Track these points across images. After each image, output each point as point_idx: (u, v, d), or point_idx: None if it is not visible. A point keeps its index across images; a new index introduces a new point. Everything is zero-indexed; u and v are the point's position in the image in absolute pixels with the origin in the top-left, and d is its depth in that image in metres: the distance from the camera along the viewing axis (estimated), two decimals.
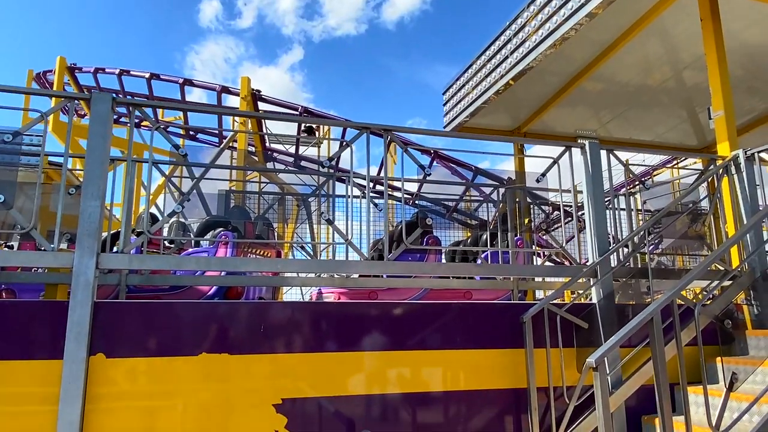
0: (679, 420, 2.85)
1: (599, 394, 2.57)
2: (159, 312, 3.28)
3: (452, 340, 3.72)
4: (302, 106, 11.15)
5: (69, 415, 2.94)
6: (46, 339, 3.06)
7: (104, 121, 3.34)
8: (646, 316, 2.64)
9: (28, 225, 3.17)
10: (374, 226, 4.75)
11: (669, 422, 2.60)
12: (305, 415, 3.39)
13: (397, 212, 7.80)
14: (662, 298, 2.77)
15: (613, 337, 2.71)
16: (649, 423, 3.74)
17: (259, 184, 11.04)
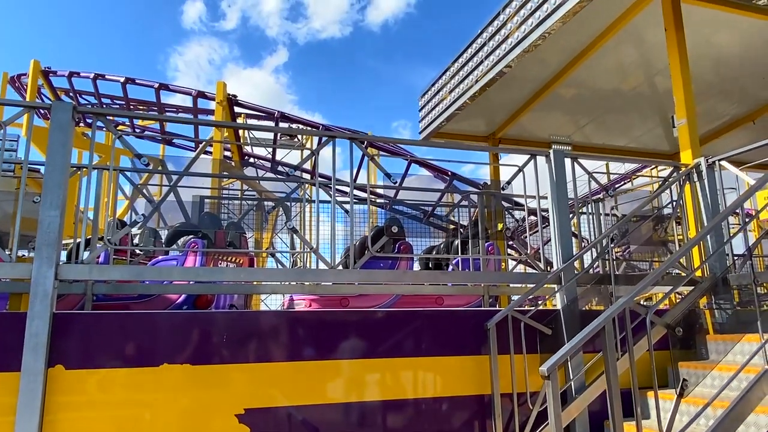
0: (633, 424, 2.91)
1: (551, 402, 2.61)
2: (120, 323, 3.25)
3: (420, 347, 3.75)
4: (279, 111, 11.12)
5: (26, 426, 2.90)
6: (3, 351, 3.02)
7: (65, 130, 3.31)
8: (597, 325, 2.69)
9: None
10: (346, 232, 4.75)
11: (620, 426, 2.65)
12: (269, 425, 3.38)
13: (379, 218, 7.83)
14: (614, 305, 2.82)
15: (566, 345, 2.75)
16: (610, 427, 3.79)
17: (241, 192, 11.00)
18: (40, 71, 12.06)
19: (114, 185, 3.91)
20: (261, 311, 4.92)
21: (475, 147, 8.14)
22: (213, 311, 4.65)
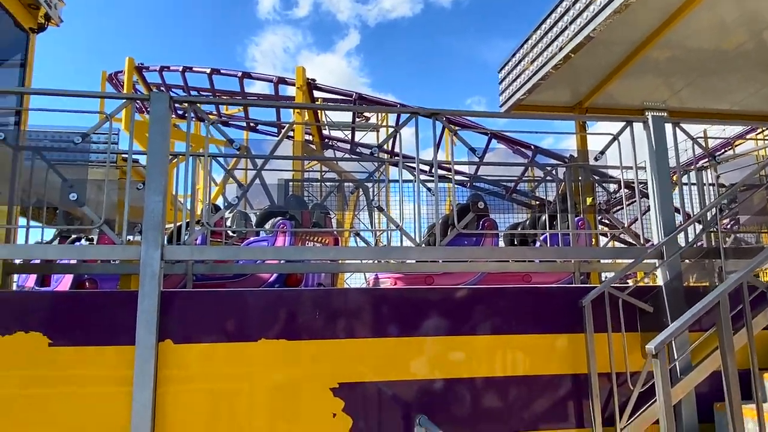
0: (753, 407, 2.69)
1: (660, 382, 2.46)
2: (221, 300, 3.42)
3: (509, 324, 3.67)
4: (357, 93, 11.21)
5: (142, 397, 3.14)
6: (120, 326, 3.27)
7: (163, 120, 3.50)
8: (711, 300, 2.49)
9: (99, 221, 3.38)
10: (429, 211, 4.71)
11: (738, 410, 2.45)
12: (362, 399, 3.45)
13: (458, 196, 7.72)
14: (731, 279, 2.59)
15: (676, 322, 2.57)
16: (721, 411, 3.53)
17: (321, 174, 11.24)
18: (134, 68, 12.87)
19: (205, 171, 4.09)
20: (354, 288, 5.02)
21: (564, 116, 7.78)
22: (306, 289, 4.80)
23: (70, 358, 3.21)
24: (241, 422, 3.31)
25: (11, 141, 4.58)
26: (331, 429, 3.37)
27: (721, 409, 3.54)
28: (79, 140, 3.42)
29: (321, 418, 3.38)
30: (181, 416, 3.25)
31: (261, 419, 3.33)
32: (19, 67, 5.19)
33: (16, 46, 5.19)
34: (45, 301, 3.35)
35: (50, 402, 3.17)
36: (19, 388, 3.16)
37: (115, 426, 3.13)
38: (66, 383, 3.20)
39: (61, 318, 3.25)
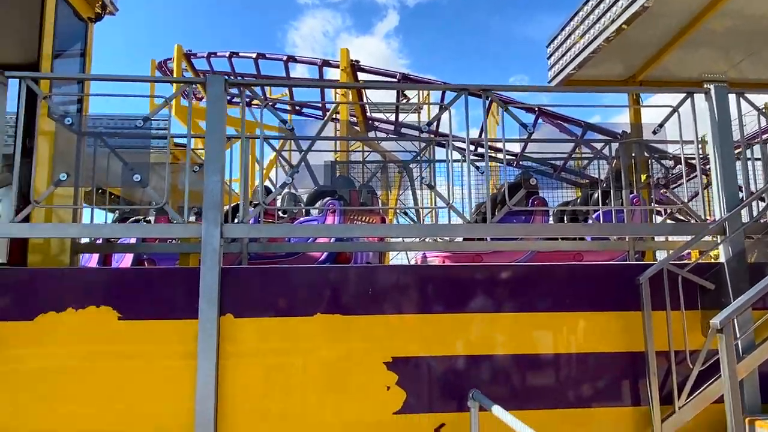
0: None
1: (725, 358, 2.40)
2: (278, 276, 3.53)
3: (564, 302, 3.64)
4: (401, 73, 11.16)
5: (206, 368, 3.29)
6: (184, 301, 3.42)
7: (219, 102, 3.60)
8: None
9: (161, 201, 3.53)
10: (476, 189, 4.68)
11: None
12: (414, 373, 3.51)
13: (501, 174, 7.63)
14: None
15: (742, 297, 2.50)
16: None
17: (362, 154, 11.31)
18: (183, 55, 13.19)
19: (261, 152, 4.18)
20: (407, 265, 5.08)
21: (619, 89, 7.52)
22: (360, 266, 4.88)
23: (138, 331, 3.39)
24: (298, 394, 3.43)
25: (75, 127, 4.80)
26: (385, 402, 3.45)
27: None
28: (141, 123, 3.56)
29: (375, 391, 3.46)
30: (241, 387, 3.39)
31: (317, 392, 3.44)
32: (80, 57, 5.40)
33: (76, 35, 5.39)
34: (115, 278, 3.54)
35: (119, 373, 3.36)
36: (91, 359, 3.36)
37: (181, 396, 3.30)
38: (134, 355, 3.39)
39: (130, 293, 3.43)
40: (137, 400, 3.34)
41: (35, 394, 3.29)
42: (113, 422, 3.30)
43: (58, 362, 3.35)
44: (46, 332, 3.34)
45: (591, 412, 3.57)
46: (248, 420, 3.38)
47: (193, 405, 3.25)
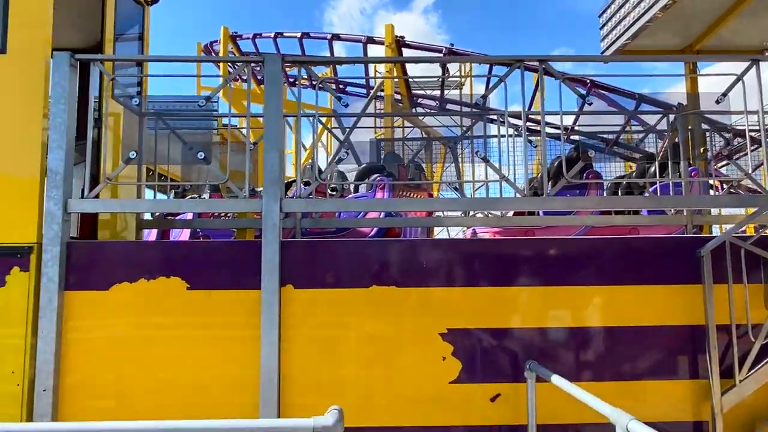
0: None
1: None
2: (336, 249, 3.65)
3: (620, 275, 3.61)
4: (446, 47, 11.03)
5: (270, 335, 3.45)
6: (246, 272, 3.57)
7: (277, 80, 3.69)
8: None
9: (224, 177, 3.67)
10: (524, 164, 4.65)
11: None
12: (470, 344, 3.58)
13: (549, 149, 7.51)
14: None
15: None
16: None
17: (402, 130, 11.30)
18: (229, 36, 13.41)
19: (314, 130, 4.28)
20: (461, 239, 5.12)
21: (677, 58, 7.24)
22: (415, 239, 4.96)
23: (205, 300, 3.57)
24: (355, 362, 3.55)
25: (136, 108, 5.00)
26: (441, 372, 3.54)
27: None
28: (204, 103, 3.70)
29: (431, 362, 3.55)
30: (303, 354, 3.54)
31: (374, 360, 3.56)
32: (138, 40, 5.60)
33: (134, 19, 5.58)
34: (183, 251, 3.73)
35: (188, 340, 3.56)
36: (161, 327, 3.57)
37: (247, 361, 3.47)
38: (201, 322, 3.58)
39: (197, 265, 3.61)
40: (204, 366, 3.53)
41: (110, 361, 3.52)
42: (182, 389, 3.50)
43: (131, 330, 3.57)
44: (119, 301, 3.56)
45: (648, 385, 3.57)
46: (306, 389, 3.53)
47: (257, 372, 3.41)
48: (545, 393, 3.35)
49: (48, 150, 3.57)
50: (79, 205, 3.61)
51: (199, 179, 6.21)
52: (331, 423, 2.01)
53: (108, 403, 3.50)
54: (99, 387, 3.51)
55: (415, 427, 3.50)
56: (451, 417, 3.53)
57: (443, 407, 3.52)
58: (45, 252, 3.47)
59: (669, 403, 3.56)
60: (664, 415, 3.52)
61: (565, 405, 3.44)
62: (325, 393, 3.54)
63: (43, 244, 3.49)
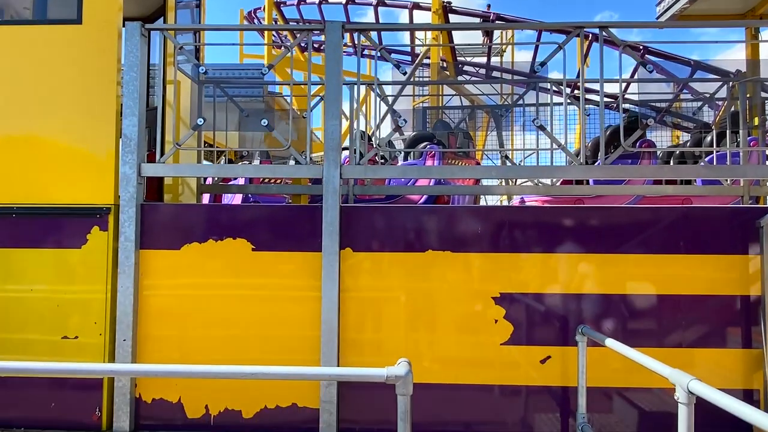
0: None
1: None
2: (393, 214, 3.77)
3: (677, 244, 3.63)
4: (494, 13, 10.81)
5: (330, 294, 3.63)
6: (308, 235, 3.75)
7: (337, 48, 3.77)
8: None
9: (286, 144, 3.81)
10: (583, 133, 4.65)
11: None
12: (522, 308, 3.69)
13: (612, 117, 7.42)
14: None
15: None
16: None
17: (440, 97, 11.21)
18: (273, 3, 13.43)
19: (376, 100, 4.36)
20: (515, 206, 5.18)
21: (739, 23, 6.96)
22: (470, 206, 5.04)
23: (269, 260, 3.77)
24: (410, 323, 3.72)
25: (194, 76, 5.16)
26: (493, 334, 3.67)
27: None
28: (267, 71, 3.82)
29: (484, 324, 3.69)
30: (361, 315, 3.72)
31: (428, 321, 3.71)
32: (195, 8, 5.74)
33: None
34: (249, 213, 3.92)
35: (253, 299, 3.78)
36: (228, 286, 3.80)
37: (308, 320, 3.67)
38: (265, 283, 3.79)
39: (262, 227, 3.80)
40: (268, 324, 3.75)
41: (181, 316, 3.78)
42: (246, 346, 3.74)
43: (199, 288, 3.81)
44: (190, 260, 3.80)
45: (699, 353, 3.62)
46: (363, 348, 3.72)
47: (317, 330, 3.61)
48: (593, 357, 3.45)
49: (123, 116, 3.77)
50: (152, 169, 3.82)
51: (253, 146, 6.42)
52: (403, 373, 2.17)
53: (175, 355, 3.76)
54: (169, 340, 3.78)
55: (468, 384, 3.67)
56: (501, 377, 3.67)
57: (494, 367, 3.67)
58: (122, 213, 3.72)
59: (719, 370, 3.61)
60: (714, 382, 3.52)
61: (612, 369, 3.56)
62: (381, 351, 3.73)
63: (120, 206, 3.73)
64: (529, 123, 3.82)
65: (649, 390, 3.64)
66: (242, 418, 3.69)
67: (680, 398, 2.10)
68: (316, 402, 3.60)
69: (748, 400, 3.57)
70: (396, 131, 4.13)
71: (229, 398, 3.69)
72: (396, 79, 8.54)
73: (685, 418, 2.09)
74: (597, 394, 3.58)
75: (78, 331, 3.74)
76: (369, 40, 3.98)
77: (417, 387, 3.64)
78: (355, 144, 4.55)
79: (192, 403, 3.72)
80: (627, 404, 3.68)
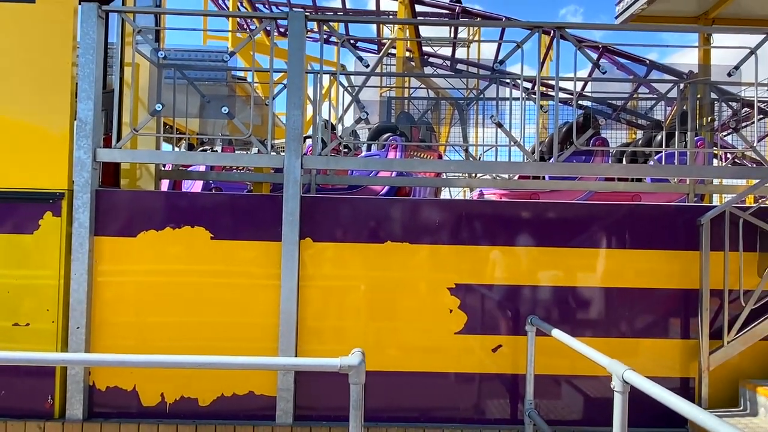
0: None
1: None
2: (353, 205, 3.82)
3: (622, 239, 3.81)
4: (460, 6, 10.88)
5: (289, 284, 3.66)
6: (268, 225, 3.76)
7: (300, 37, 3.77)
8: None
9: (248, 132, 3.80)
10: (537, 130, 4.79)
11: None
12: (476, 299, 3.81)
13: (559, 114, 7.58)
14: None
15: None
16: None
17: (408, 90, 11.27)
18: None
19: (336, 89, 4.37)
20: (474, 200, 5.29)
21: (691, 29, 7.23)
22: (428, 198, 5.12)
23: (228, 249, 3.77)
24: (368, 312, 3.79)
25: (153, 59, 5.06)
26: (447, 323, 3.78)
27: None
28: (228, 57, 3.79)
29: (439, 314, 3.79)
30: (319, 304, 3.77)
31: (385, 311, 3.79)
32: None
33: None
34: (208, 201, 3.90)
35: (211, 287, 3.78)
36: (186, 274, 3.78)
37: (267, 309, 3.70)
38: (223, 271, 3.79)
39: (221, 216, 3.79)
40: (225, 313, 3.75)
41: (136, 303, 3.75)
42: (204, 334, 3.74)
43: (156, 275, 3.78)
44: (146, 248, 3.76)
45: (641, 343, 3.81)
46: (321, 337, 3.77)
47: (276, 319, 3.64)
48: (542, 346, 3.60)
49: (78, 99, 3.68)
50: (108, 155, 3.75)
51: (214, 132, 6.33)
52: (356, 363, 2.23)
53: (130, 342, 3.74)
54: (124, 327, 3.74)
55: (422, 372, 3.77)
56: (455, 365, 3.79)
57: (447, 356, 3.78)
58: (76, 198, 3.65)
59: (659, 360, 3.82)
60: (653, 370, 3.77)
61: (560, 358, 3.72)
62: (339, 340, 3.79)
63: (74, 191, 3.66)
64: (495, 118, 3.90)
65: (595, 378, 3.82)
66: (199, 406, 3.70)
67: (616, 387, 2.23)
68: (274, 390, 3.64)
69: (685, 388, 3.81)
70: (358, 123, 4.16)
71: (185, 386, 3.70)
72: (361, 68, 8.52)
73: (620, 406, 2.23)
74: (545, 381, 3.74)
75: (30, 317, 3.67)
76: (332, 31, 3.99)
77: (375, 374, 3.75)
78: (318, 133, 4.56)
79: (147, 391, 3.71)
80: (574, 391, 3.85)
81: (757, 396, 3.48)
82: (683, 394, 3.75)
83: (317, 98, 4.62)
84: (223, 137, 5.74)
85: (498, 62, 3.70)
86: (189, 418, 3.69)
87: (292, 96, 3.74)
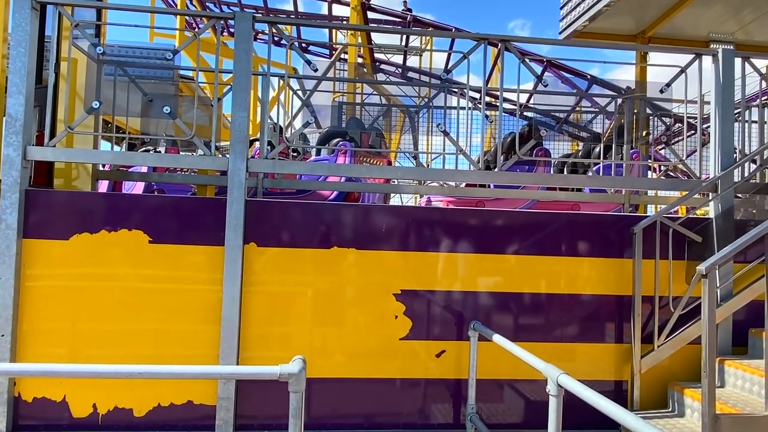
0: None
1: (706, 301, 2.71)
2: (299, 210, 3.77)
3: (560, 247, 3.93)
4: (412, 15, 11.02)
5: (231, 290, 3.57)
6: (210, 228, 3.66)
7: (247, 39, 3.71)
8: (762, 230, 2.68)
9: (190, 133, 3.70)
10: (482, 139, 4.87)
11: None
12: (421, 305, 3.84)
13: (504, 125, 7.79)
14: None
15: (726, 247, 2.78)
16: (756, 335, 3.81)
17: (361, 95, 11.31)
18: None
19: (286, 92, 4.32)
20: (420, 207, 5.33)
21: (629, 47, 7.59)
22: (375, 205, 5.12)
23: (168, 253, 3.65)
24: (313, 318, 3.75)
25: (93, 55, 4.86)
26: (393, 329, 3.79)
27: (756, 334, 3.81)
28: (171, 56, 3.68)
29: (384, 319, 3.79)
30: (263, 310, 3.70)
31: (331, 317, 3.76)
32: None
33: None
34: (147, 204, 3.76)
35: (149, 292, 3.64)
36: (123, 279, 3.63)
37: (209, 313, 3.60)
38: (162, 276, 3.66)
39: (160, 219, 3.66)
40: (164, 319, 3.63)
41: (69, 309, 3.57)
42: (140, 341, 3.60)
43: (90, 280, 3.61)
44: (79, 251, 3.59)
45: (577, 347, 3.94)
46: (265, 343, 3.70)
47: (217, 325, 3.55)
48: (485, 351, 3.67)
49: (8, 94, 3.48)
50: (40, 153, 3.57)
51: (157, 132, 6.13)
52: (296, 370, 2.19)
53: (62, 350, 3.56)
54: (55, 334, 3.56)
55: (367, 378, 3.76)
56: (399, 370, 3.80)
57: (392, 362, 3.79)
58: (3, 198, 3.44)
59: (595, 363, 3.96)
60: (589, 373, 3.92)
61: (503, 362, 3.79)
62: (283, 347, 3.73)
63: (2, 191, 3.45)
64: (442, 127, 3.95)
65: (534, 381, 3.91)
66: (133, 416, 3.55)
67: (551, 390, 2.29)
68: (213, 399, 3.54)
69: (619, 390, 3.96)
70: (306, 126, 4.12)
71: (119, 396, 3.54)
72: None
73: (555, 408, 2.30)
74: (487, 386, 3.80)
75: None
76: (281, 34, 3.93)
77: (320, 381, 3.72)
78: (270, 135, 4.49)
79: (78, 401, 3.53)
80: (515, 394, 3.94)
81: (684, 397, 3.66)
82: (617, 396, 3.94)
83: (266, 101, 4.56)
84: (166, 137, 5.56)
85: (445, 71, 3.74)
86: (123, 429, 3.54)
87: (237, 97, 3.67)
